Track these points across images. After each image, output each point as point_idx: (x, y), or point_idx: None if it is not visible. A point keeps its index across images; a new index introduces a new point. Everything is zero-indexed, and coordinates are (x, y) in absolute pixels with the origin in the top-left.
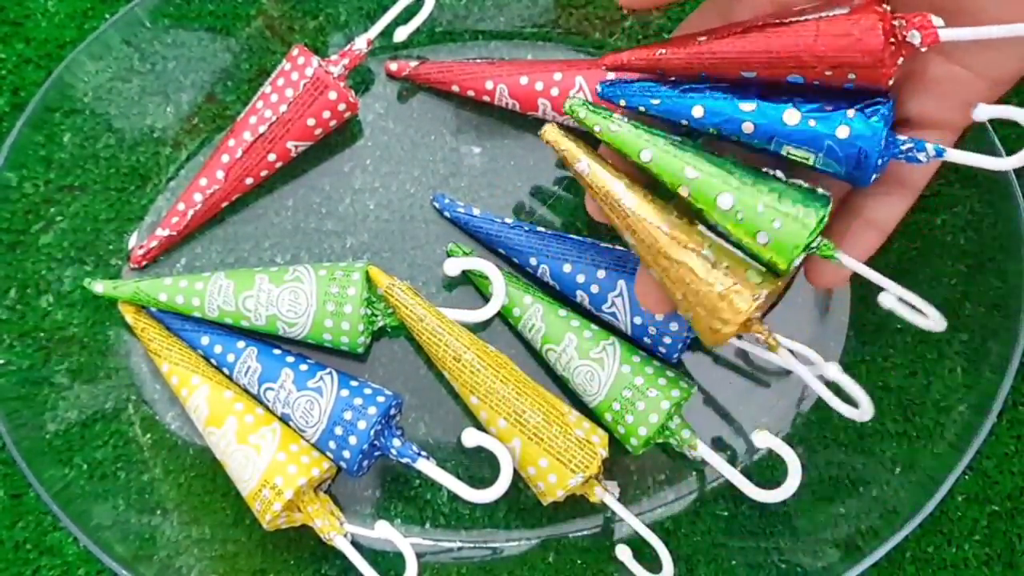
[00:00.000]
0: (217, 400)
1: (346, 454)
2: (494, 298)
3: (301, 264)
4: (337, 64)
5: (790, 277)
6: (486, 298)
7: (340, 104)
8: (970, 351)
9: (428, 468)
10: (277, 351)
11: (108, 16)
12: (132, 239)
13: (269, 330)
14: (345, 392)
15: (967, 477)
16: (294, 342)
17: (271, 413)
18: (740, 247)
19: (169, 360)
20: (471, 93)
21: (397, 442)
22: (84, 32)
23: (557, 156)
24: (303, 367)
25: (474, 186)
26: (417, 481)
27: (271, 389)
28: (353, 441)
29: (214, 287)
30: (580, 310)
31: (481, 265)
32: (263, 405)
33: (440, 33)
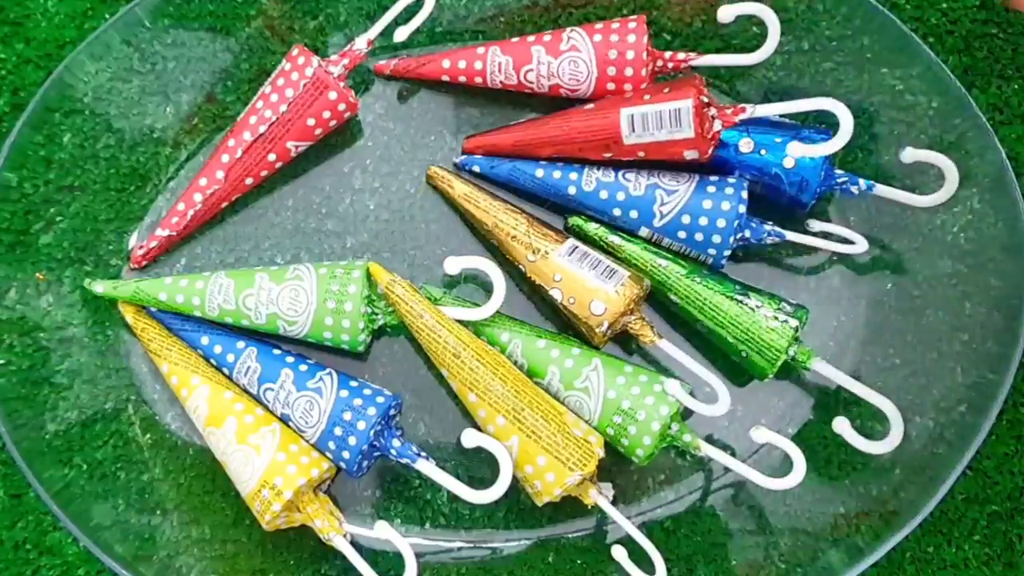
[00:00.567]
0: (217, 400)
1: (346, 454)
2: (494, 296)
3: (302, 263)
4: (337, 64)
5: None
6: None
7: (340, 104)
8: (970, 351)
9: (428, 468)
10: (277, 351)
11: (108, 16)
12: (132, 239)
13: (269, 329)
14: (345, 392)
15: (967, 477)
16: (294, 341)
17: (271, 413)
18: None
19: (169, 360)
20: (462, 78)
21: (397, 442)
22: (84, 32)
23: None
24: (303, 367)
25: None
26: (417, 481)
27: (271, 389)
28: (353, 441)
29: (214, 286)
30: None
31: (482, 264)
32: (263, 405)
33: (440, 33)
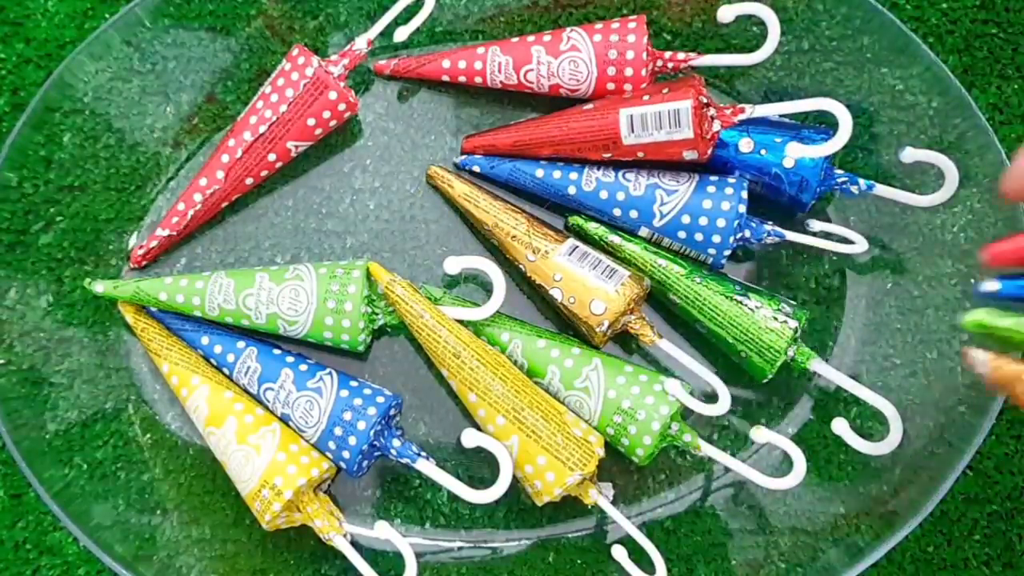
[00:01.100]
0: (217, 400)
1: (346, 454)
2: (494, 296)
3: (302, 263)
4: (337, 64)
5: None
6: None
7: (340, 104)
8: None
9: (428, 468)
10: (277, 351)
11: (108, 16)
12: (132, 239)
13: (270, 329)
14: (345, 392)
15: (967, 477)
16: (294, 341)
17: (271, 413)
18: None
19: (169, 360)
20: (462, 78)
21: (397, 442)
22: (84, 32)
23: None
24: (303, 367)
25: None
26: (417, 481)
27: (271, 389)
28: (353, 441)
29: (214, 286)
30: (558, 336)
31: (482, 264)
32: (263, 405)
33: (440, 33)
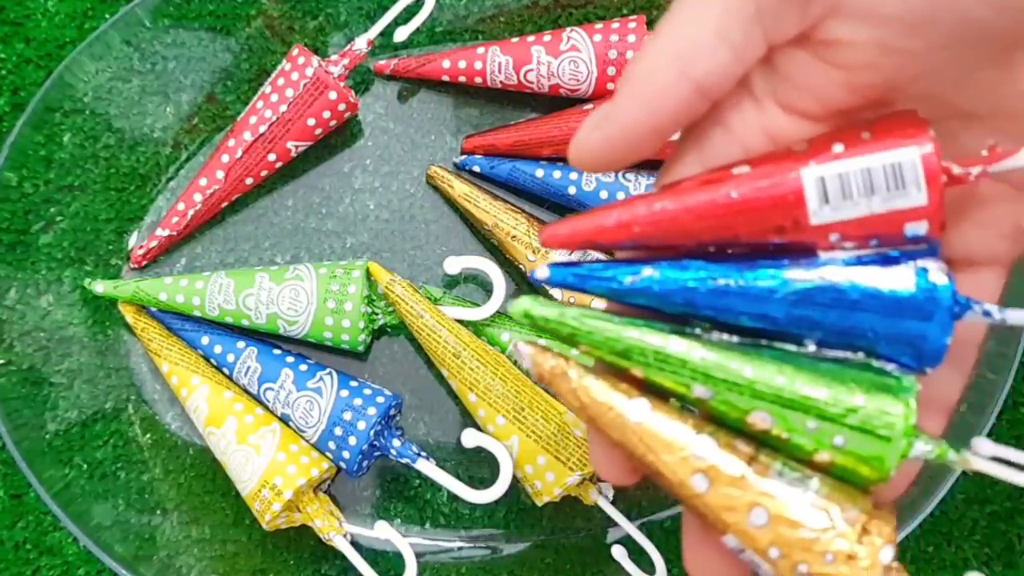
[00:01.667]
0: (217, 400)
1: (346, 454)
2: (494, 296)
3: (302, 263)
4: (337, 64)
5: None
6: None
7: (340, 104)
8: None
9: (428, 468)
10: (277, 351)
11: (108, 16)
12: (132, 239)
13: (270, 329)
14: (345, 392)
15: (966, 477)
16: (295, 341)
17: (271, 413)
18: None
19: (169, 360)
20: (462, 78)
21: (397, 442)
22: (84, 32)
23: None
24: (303, 367)
25: None
26: (417, 481)
27: (271, 389)
28: (353, 441)
29: (214, 286)
30: None
31: (482, 264)
32: (263, 405)
33: (440, 33)
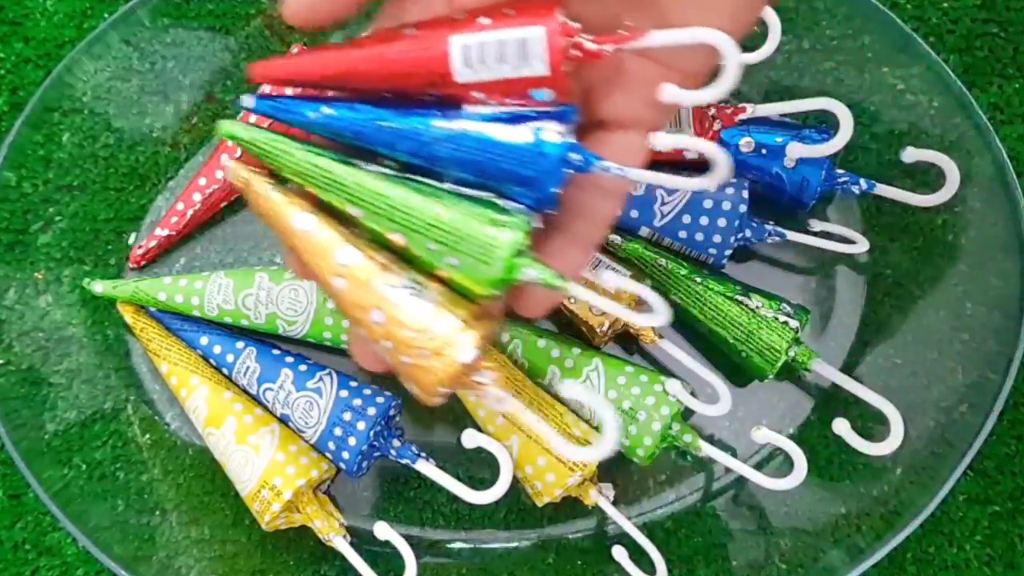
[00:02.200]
0: (216, 400)
1: (345, 455)
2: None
3: None
4: None
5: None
6: None
7: None
8: (970, 351)
9: (428, 469)
10: (276, 351)
11: (108, 16)
12: (131, 239)
13: (269, 329)
14: (344, 393)
15: (968, 477)
16: (294, 341)
17: (270, 414)
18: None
19: (168, 360)
20: None
21: (397, 443)
22: (83, 32)
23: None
24: (302, 367)
25: None
26: (417, 481)
27: (270, 389)
28: (352, 442)
29: (213, 286)
30: (558, 337)
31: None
32: (262, 406)
33: None
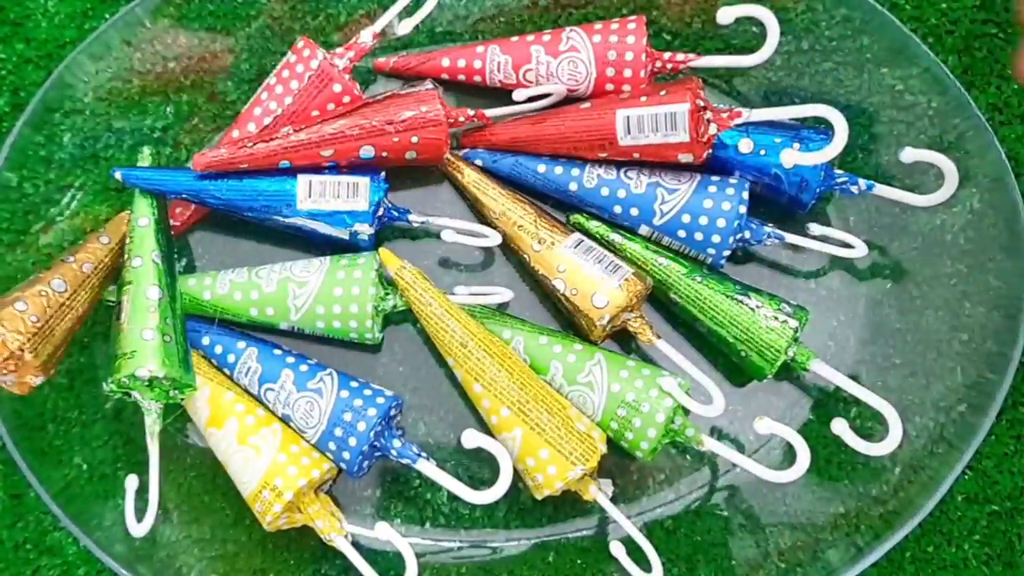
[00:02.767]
0: (218, 401)
1: (346, 455)
2: (503, 293)
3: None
4: (343, 57)
5: None
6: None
7: (345, 97)
8: (970, 351)
9: (428, 469)
10: (278, 351)
11: (108, 16)
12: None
13: (279, 299)
14: (345, 393)
15: (967, 477)
16: (303, 336)
17: (272, 414)
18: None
19: None
20: (462, 77)
21: (397, 443)
22: (84, 32)
23: None
24: (303, 368)
25: None
26: (417, 481)
27: (271, 390)
28: (353, 442)
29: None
30: (559, 333)
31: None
32: (264, 406)
33: (440, 33)
